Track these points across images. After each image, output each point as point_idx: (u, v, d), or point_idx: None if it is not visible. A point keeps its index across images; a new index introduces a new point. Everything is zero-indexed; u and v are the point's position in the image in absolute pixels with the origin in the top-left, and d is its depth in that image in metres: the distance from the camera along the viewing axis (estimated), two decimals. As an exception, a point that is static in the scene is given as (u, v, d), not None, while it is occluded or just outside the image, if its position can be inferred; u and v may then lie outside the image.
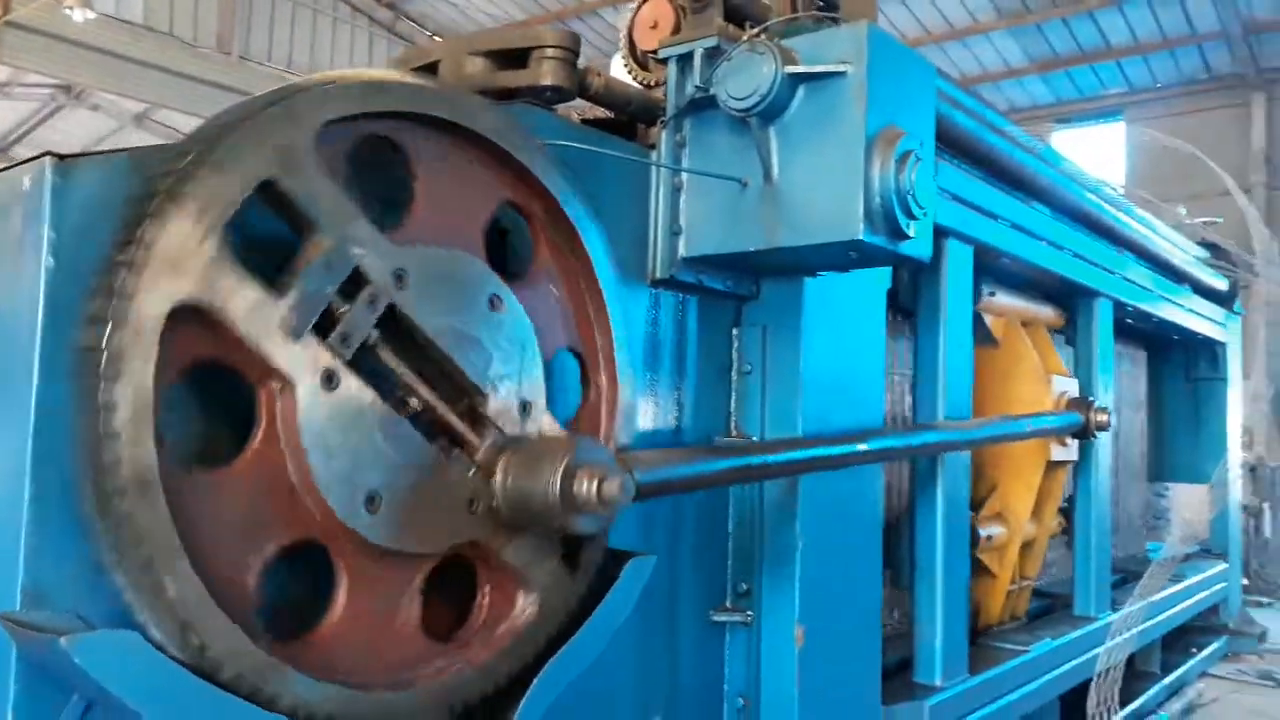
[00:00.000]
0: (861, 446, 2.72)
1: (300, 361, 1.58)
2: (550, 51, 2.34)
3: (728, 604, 2.69)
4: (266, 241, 1.63)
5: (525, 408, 1.96)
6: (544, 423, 1.99)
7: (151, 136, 18.88)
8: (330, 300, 1.63)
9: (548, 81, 2.33)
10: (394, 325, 1.75)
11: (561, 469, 1.78)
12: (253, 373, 1.58)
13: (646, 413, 2.48)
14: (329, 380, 1.62)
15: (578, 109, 2.81)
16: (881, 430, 3.02)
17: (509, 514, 1.84)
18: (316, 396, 1.60)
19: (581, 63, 2.43)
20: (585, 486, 1.78)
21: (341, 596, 1.68)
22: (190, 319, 1.48)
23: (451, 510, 1.81)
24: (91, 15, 14.48)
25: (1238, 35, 15.04)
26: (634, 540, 2.29)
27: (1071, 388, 4.35)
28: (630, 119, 2.73)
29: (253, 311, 1.53)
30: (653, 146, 2.64)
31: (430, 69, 2.47)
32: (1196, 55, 16.17)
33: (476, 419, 1.89)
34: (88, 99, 18.13)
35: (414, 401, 1.79)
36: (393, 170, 1.84)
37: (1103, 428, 4.25)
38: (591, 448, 1.87)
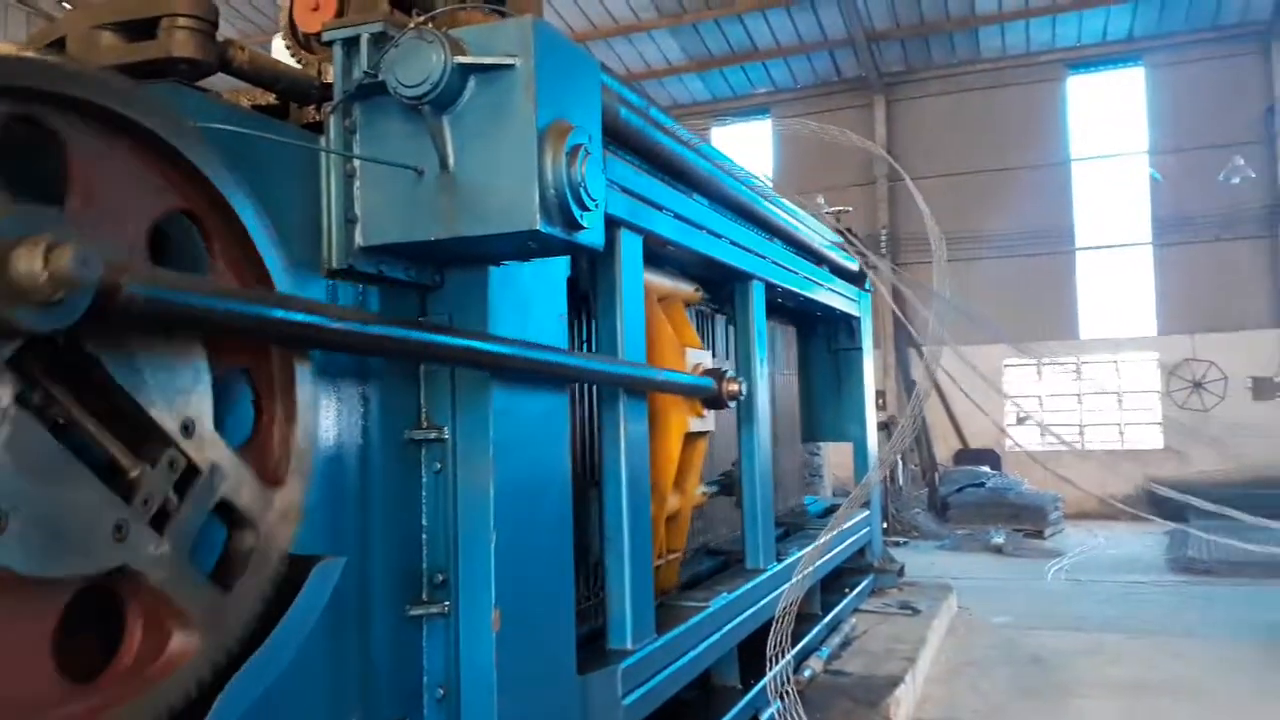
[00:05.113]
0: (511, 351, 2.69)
1: None
2: (182, 20, 2.10)
3: (424, 596, 2.67)
4: None
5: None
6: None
7: None
8: None
9: (181, 53, 2.10)
10: None
11: None
12: None
13: (329, 415, 2.40)
14: None
15: (245, 93, 2.63)
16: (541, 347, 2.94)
17: None
18: None
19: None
20: (26, 262, 1.41)
21: None
22: None
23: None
24: None
25: (861, 42, 16.94)
26: (321, 544, 2.21)
27: (705, 359, 4.59)
28: (282, 98, 2.59)
29: None
30: (308, 126, 2.53)
31: (59, 45, 2.20)
32: (828, 59, 18.03)
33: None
34: None
35: (56, 410, 1.59)
36: (44, 162, 1.61)
37: (734, 397, 4.48)
38: (28, 215, 1.47)
